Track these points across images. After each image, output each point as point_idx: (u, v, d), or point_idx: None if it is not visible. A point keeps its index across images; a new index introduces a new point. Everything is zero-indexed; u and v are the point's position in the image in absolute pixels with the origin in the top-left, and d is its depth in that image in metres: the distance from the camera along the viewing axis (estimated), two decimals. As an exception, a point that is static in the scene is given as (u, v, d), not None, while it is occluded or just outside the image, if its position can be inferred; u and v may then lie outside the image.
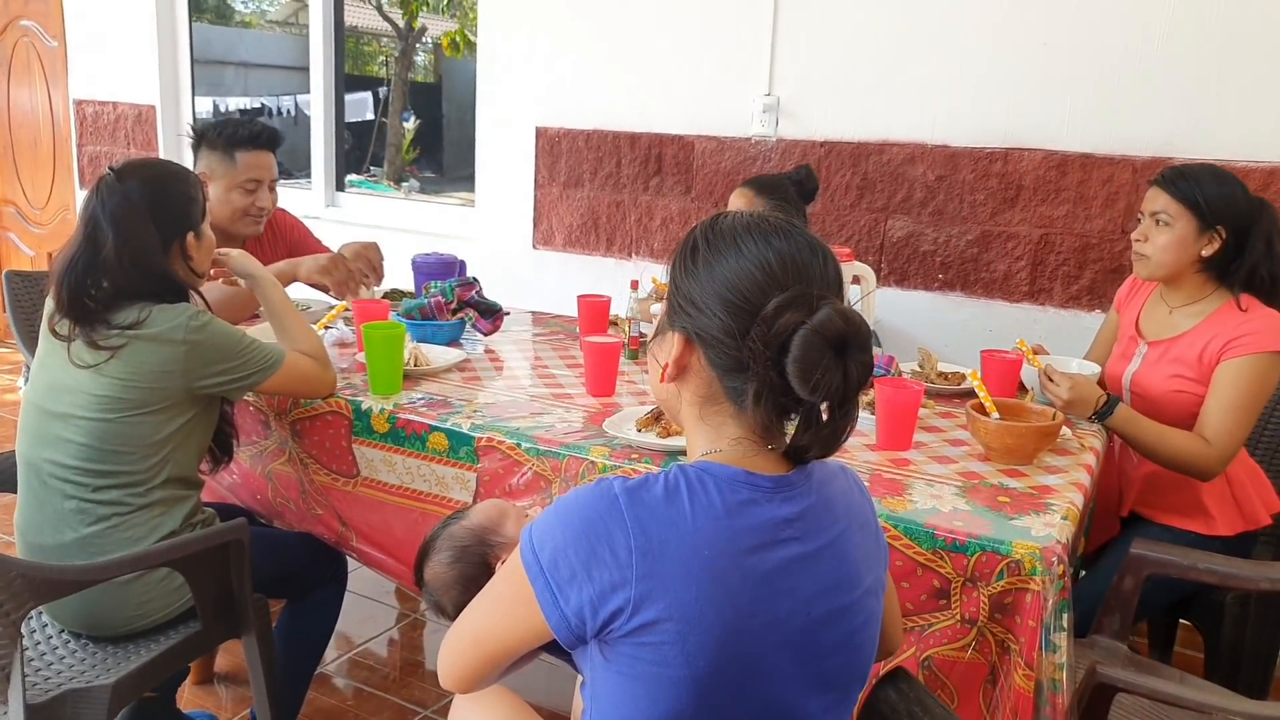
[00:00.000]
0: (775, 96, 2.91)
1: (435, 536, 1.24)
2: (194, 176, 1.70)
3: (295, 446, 1.87)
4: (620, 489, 0.89)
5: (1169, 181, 1.83)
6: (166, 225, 1.60)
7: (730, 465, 0.93)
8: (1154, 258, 1.85)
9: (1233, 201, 1.80)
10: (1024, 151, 2.62)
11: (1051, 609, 1.27)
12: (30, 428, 1.61)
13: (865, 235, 2.86)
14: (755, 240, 0.92)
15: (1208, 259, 1.82)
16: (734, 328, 0.90)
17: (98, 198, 1.57)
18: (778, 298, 0.88)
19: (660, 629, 0.86)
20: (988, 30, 2.61)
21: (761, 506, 0.91)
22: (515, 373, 2.05)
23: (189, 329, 1.55)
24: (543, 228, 3.40)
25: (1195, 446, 1.75)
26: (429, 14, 7.80)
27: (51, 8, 4.46)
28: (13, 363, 4.70)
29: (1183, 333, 1.87)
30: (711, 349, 0.93)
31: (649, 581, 0.86)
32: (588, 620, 0.87)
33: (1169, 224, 1.82)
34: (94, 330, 1.52)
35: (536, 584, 0.89)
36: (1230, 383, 1.76)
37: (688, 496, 0.89)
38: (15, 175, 4.86)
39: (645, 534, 0.86)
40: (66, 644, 1.60)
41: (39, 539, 1.59)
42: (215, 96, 4.79)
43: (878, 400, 1.64)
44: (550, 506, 0.93)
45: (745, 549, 0.89)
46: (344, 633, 2.47)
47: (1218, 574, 1.60)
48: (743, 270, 0.91)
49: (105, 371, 1.53)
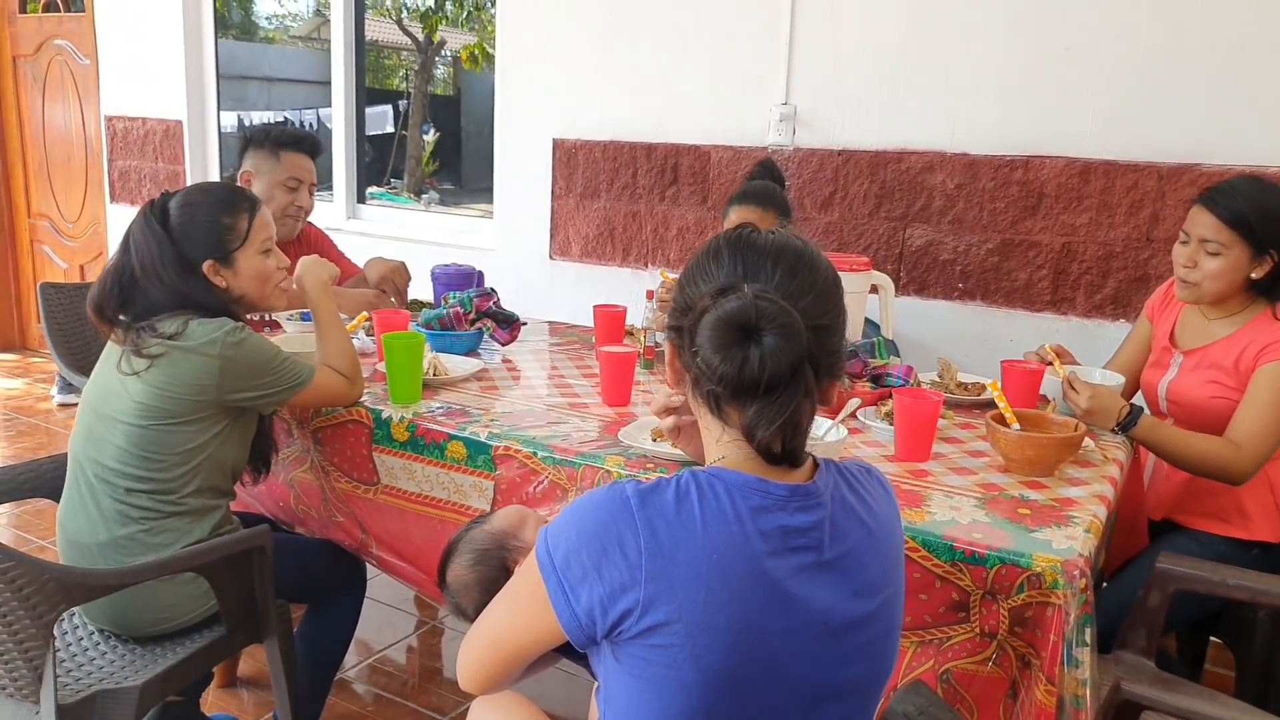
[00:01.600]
0: (792, 105, 2.91)
1: (458, 540, 1.25)
2: (237, 206, 1.69)
3: (317, 454, 1.88)
4: (632, 492, 0.90)
5: (1217, 203, 1.75)
6: (185, 250, 1.64)
7: (743, 472, 0.93)
8: (1203, 285, 1.79)
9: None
10: (1045, 159, 2.60)
11: (1074, 623, 1.25)
12: (82, 428, 1.66)
13: (884, 244, 2.85)
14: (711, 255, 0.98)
15: (1258, 280, 1.78)
16: (674, 324, 0.97)
17: (139, 216, 1.66)
18: (704, 290, 0.93)
19: (669, 630, 0.87)
20: (1007, 36, 2.60)
21: (774, 514, 0.91)
22: (532, 382, 2.06)
23: (225, 344, 1.58)
24: (560, 238, 3.41)
25: (1224, 450, 1.73)
26: (448, 28, 7.88)
27: (84, 27, 4.56)
28: (47, 372, 4.78)
29: (1217, 340, 1.84)
30: (675, 350, 0.99)
31: (658, 583, 0.87)
32: (598, 620, 0.89)
33: (1220, 252, 1.76)
34: (139, 337, 1.58)
35: (549, 583, 0.90)
36: (1265, 387, 1.73)
37: (698, 501, 0.90)
38: (50, 189, 4.96)
39: (655, 536, 0.88)
40: (96, 644, 1.64)
41: (78, 536, 1.63)
42: (240, 111, 4.87)
43: (896, 411, 1.63)
44: (565, 509, 0.95)
45: (757, 554, 0.89)
46: (363, 639, 2.48)
47: (1248, 590, 1.57)
48: (698, 285, 0.96)
49: (145, 379, 1.58)
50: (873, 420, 1.78)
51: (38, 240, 5.06)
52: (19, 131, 4.99)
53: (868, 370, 1.96)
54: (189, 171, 4.36)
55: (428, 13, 7.56)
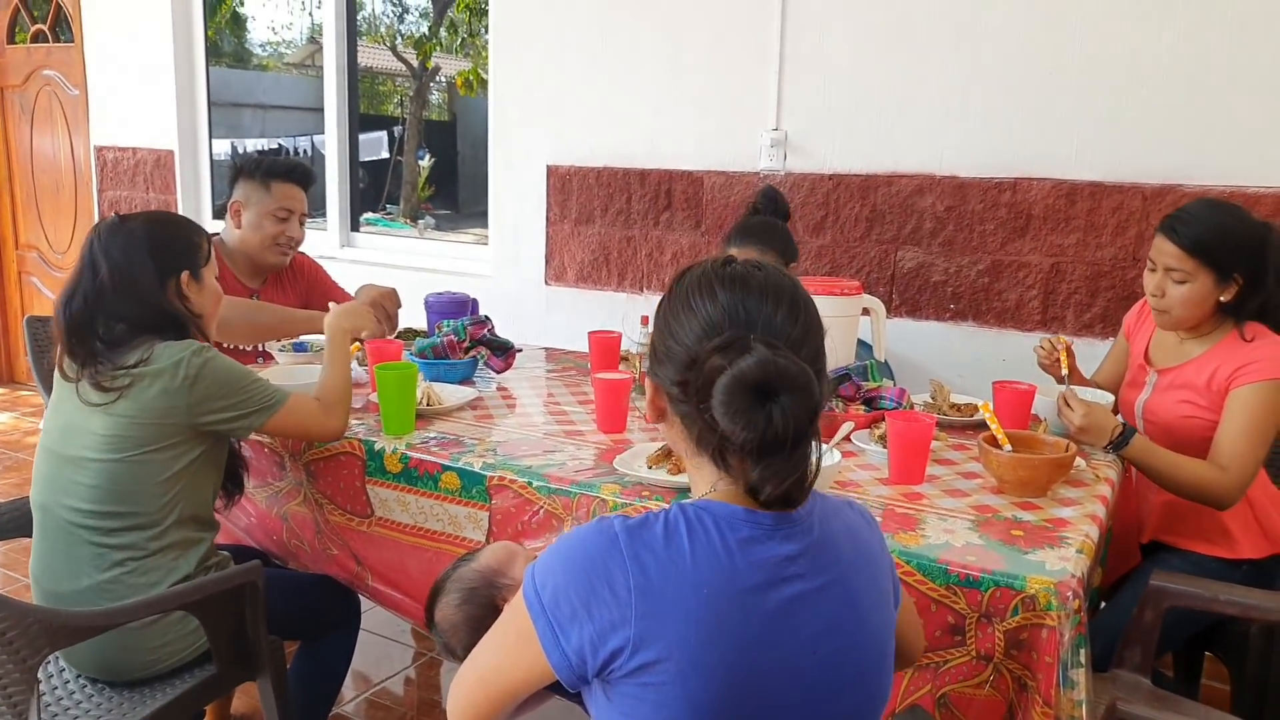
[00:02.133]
0: (783, 131, 2.94)
1: (445, 579, 1.25)
2: (201, 230, 1.76)
3: (310, 487, 1.88)
4: (620, 528, 0.90)
5: (1177, 233, 1.76)
6: (163, 259, 1.64)
7: (730, 503, 0.93)
8: (1174, 313, 1.80)
9: (1243, 242, 1.75)
10: (1033, 181, 2.63)
11: (1068, 644, 1.25)
12: (44, 473, 1.62)
13: (875, 267, 2.87)
14: (703, 294, 0.95)
15: (1226, 303, 1.79)
16: (678, 378, 0.93)
17: (96, 235, 1.64)
18: (709, 344, 0.90)
19: (660, 669, 0.86)
20: (994, 60, 2.63)
21: (763, 544, 0.91)
22: (527, 410, 2.06)
23: (191, 363, 1.57)
24: (555, 264, 3.42)
25: (1211, 475, 1.73)
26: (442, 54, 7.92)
27: (73, 57, 4.58)
28: (34, 405, 4.76)
29: (1190, 359, 1.86)
30: (670, 398, 0.97)
31: (648, 620, 0.86)
32: (588, 660, 0.88)
33: (1185, 280, 1.77)
34: (99, 372, 1.55)
35: (539, 623, 0.90)
36: (1241, 410, 1.74)
37: (687, 535, 0.90)
38: (38, 220, 4.96)
39: (645, 573, 0.87)
40: (84, 689, 1.61)
41: (55, 586, 1.60)
42: (233, 139, 4.88)
43: (889, 433, 1.63)
44: (552, 545, 0.94)
45: (747, 588, 0.89)
46: (360, 672, 2.47)
47: (1240, 605, 1.58)
48: (690, 325, 0.94)
49: (112, 411, 1.55)
50: (866, 443, 1.79)
51: (26, 272, 5.05)
52: (6, 162, 5.00)
53: (861, 393, 1.97)
54: (181, 201, 4.37)
55: (421, 39, 7.60)
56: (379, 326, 2.39)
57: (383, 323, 2.40)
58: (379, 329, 2.38)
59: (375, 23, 7.21)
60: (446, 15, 7.29)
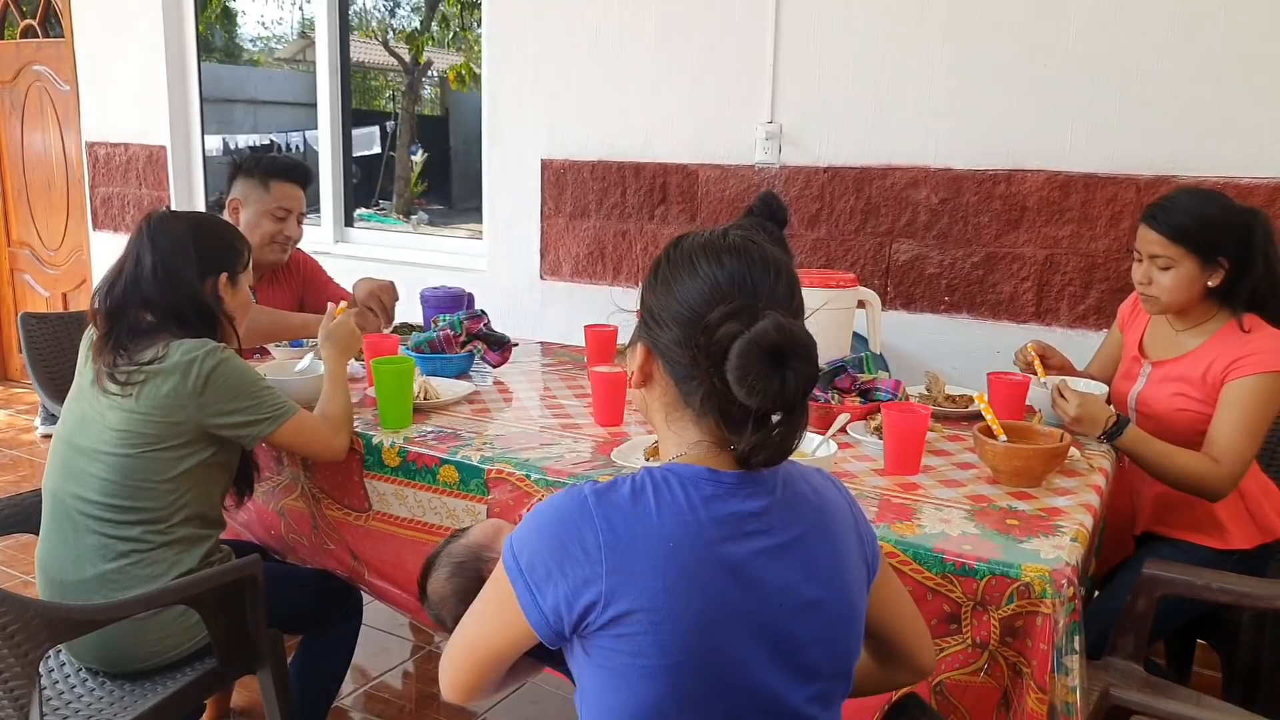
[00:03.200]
0: (778, 124, 2.94)
1: (437, 554, 1.28)
2: (245, 239, 1.81)
3: (307, 482, 1.88)
4: (590, 491, 0.94)
5: (1159, 220, 1.79)
6: (205, 256, 1.69)
7: (695, 465, 0.97)
8: (1163, 298, 1.82)
9: (1228, 228, 1.77)
10: (1027, 173, 2.64)
11: (1063, 631, 1.26)
12: (58, 463, 1.64)
13: (870, 259, 2.88)
14: (708, 259, 0.97)
15: (1215, 287, 1.81)
16: (683, 339, 0.95)
17: (146, 224, 1.67)
18: (720, 309, 0.93)
19: (632, 620, 0.90)
20: (988, 53, 2.64)
21: (725, 501, 0.95)
22: (524, 404, 2.07)
23: (205, 363, 1.58)
24: (550, 258, 3.43)
25: (1204, 466, 1.75)
26: (434, 48, 7.90)
27: (64, 53, 4.56)
28: (29, 403, 4.75)
29: (1187, 352, 1.87)
30: (666, 359, 0.99)
31: (618, 575, 0.90)
32: (564, 616, 0.92)
33: (1170, 266, 1.79)
34: (116, 367, 1.57)
35: (517, 586, 0.94)
36: (1236, 402, 1.75)
37: (653, 494, 0.94)
38: (30, 217, 4.95)
39: (613, 531, 0.91)
40: (84, 682, 1.61)
41: (60, 575, 1.61)
42: (225, 134, 4.87)
43: (885, 425, 1.64)
44: (527, 514, 0.98)
45: (711, 540, 0.93)
46: (359, 665, 2.47)
47: (1231, 593, 1.59)
48: (694, 287, 0.96)
49: (126, 406, 1.57)
50: (862, 435, 1.80)
51: (18, 269, 5.03)
52: (-3, 159, 4.99)
53: (856, 385, 1.98)
54: (173, 197, 4.36)
55: (413, 34, 7.58)
56: (376, 321, 2.39)
57: (379, 316, 2.40)
58: (375, 324, 2.38)
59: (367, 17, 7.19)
60: (438, 9, 7.26)
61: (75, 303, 4.80)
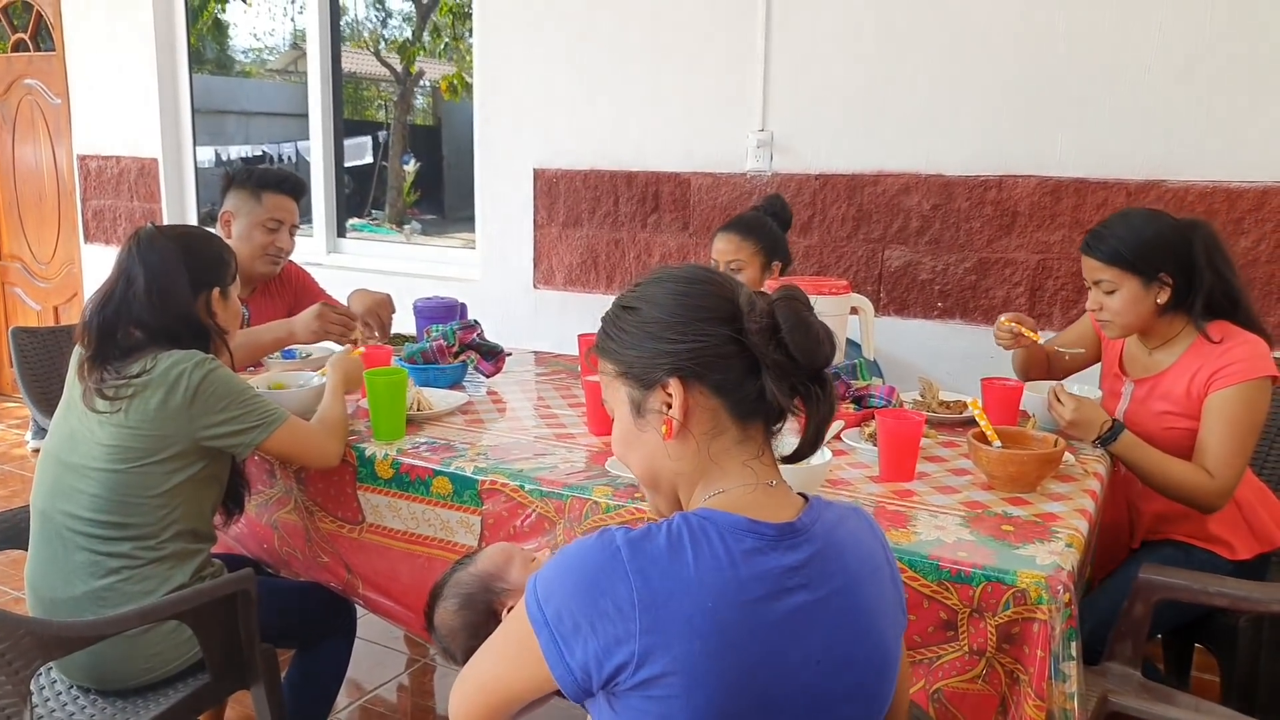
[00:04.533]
0: (769, 131, 2.95)
1: (444, 583, 1.25)
2: (231, 249, 1.80)
3: (300, 494, 1.87)
4: (622, 540, 0.89)
5: (1093, 249, 1.83)
6: (197, 273, 1.68)
7: (733, 513, 0.93)
8: (1116, 321, 1.85)
9: (1163, 245, 1.78)
10: (1018, 178, 2.65)
11: (1059, 638, 1.26)
12: (47, 479, 1.63)
13: (863, 266, 2.88)
14: (678, 275, 1.01)
15: (1165, 304, 1.82)
16: (728, 334, 0.95)
17: (135, 243, 1.66)
18: (742, 293, 0.97)
19: (666, 682, 0.86)
20: (978, 59, 2.65)
21: (766, 555, 0.91)
22: (518, 414, 2.06)
23: (192, 375, 1.57)
24: (543, 267, 3.42)
25: (1199, 478, 1.75)
26: (426, 58, 7.90)
27: (54, 66, 4.55)
28: (20, 418, 4.73)
29: (1165, 369, 1.87)
30: (714, 370, 0.96)
31: (653, 635, 0.85)
32: (593, 674, 0.88)
33: (1114, 290, 1.82)
34: (104, 380, 1.56)
35: (541, 636, 0.89)
36: (1221, 414, 1.75)
37: (691, 546, 0.89)
38: (21, 231, 4.93)
39: (649, 586, 0.86)
40: (75, 700, 1.60)
41: (50, 592, 1.60)
42: (216, 146, 4.86)
43: (880, 431, 1.64)
44: (554, 557, 0.94)
45: (751, 599, 0.89)
46: (354, 679, 2.46)
47: (1229, 597, 1.59)
48: (694, 289, 0.98)
49: (115, 421, 1.56)
50: (857, 442, 1.80)
51: (9, 282, 5.01)
52: (-11, 172, 4.97)
53: (850, 392, 1.98)
54: (165, 209, 4.35)
55: (405, 44, 7.58)
56: (373, 336, 2.38)
57: (375, 330, 2.40)
58: (372, 340, 2.37)
59: (358, 28, 7.18)
60: (430, 19, 7.27)
61: (66, 316, 4.78)
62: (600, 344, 1.03)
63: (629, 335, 1.00)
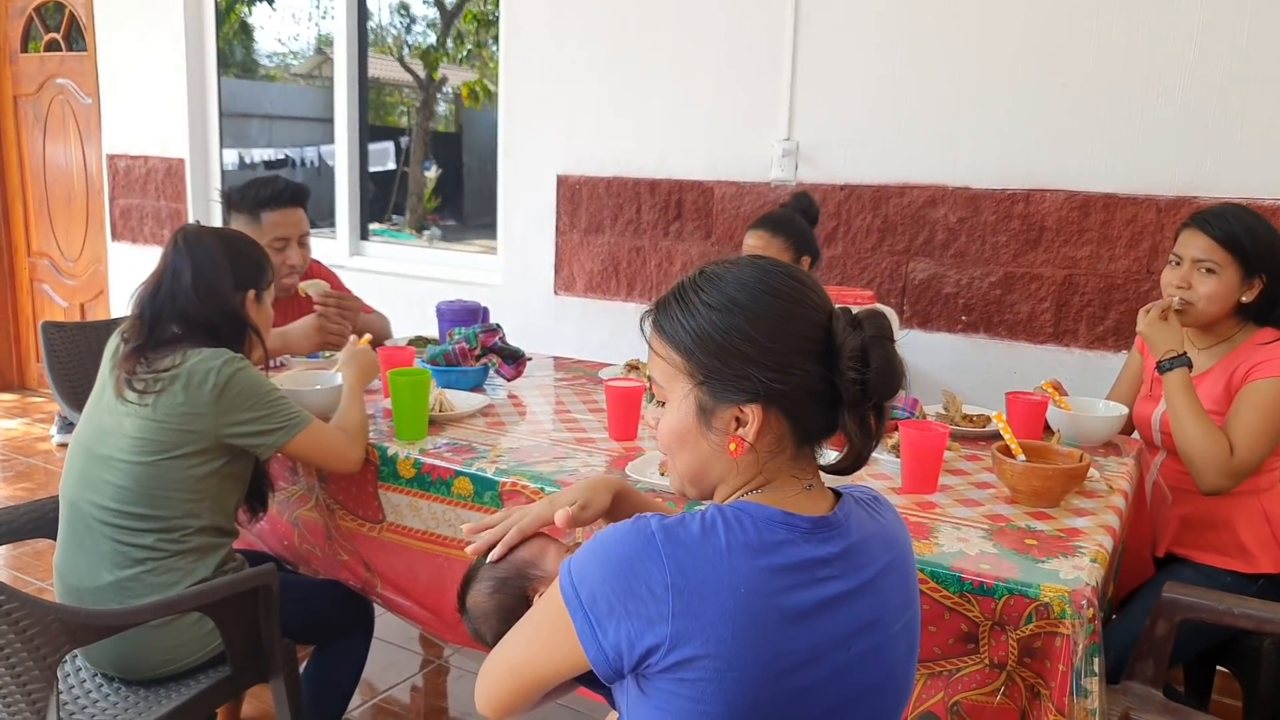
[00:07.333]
0: (794, 141, 2.95)
1: (479, 566, 1.25)
2: (267, 254, 1.83)
3: (322, 492, 1.89)
4: (657, 527, 0.91)
5: (1210, 224, 1.80)
6: (240, 272, 1.72)
7: (768, 505, 0.95)
8: (1200, 306, 1.83)
9: (1271, 246, 1.79)
10: (1046, 193, 2.64)
11: (1082, 653, 1.25)
12: (75, 470, 1.66)
13: (887, 278, 2.87)
14: (777, 290, 0.97)
15: (1247, 303, 1.81)
16: (821, 372, 0.95)
17: (182, 238, 1.69)
18: (837, 325, 0.96)
19: (698, 666, 0.87)
20: (1007, 72, 2.64)
21: (799, 546, 0.93)
22: (538, 417, 2.07)
23: (221, 372, 1.59)
24: (564, 274, 3.43)
25: (1221, 446, 1.75)
26: (449, 65, 7.96)
27: (86, 67, 4.62)
28: (46, 412, 4.78)
29: (1207, 370, 1.86)
30: (796, 403, 0.96)
31: (685, 619, 0.87)
32: (625, 655, 0.89)
33: (1215, 271, 1.80)
34: (135, 374, 1.59)
35: (575, 617, 0.91)
36: (1253, 404, 1.75)
37: (724, 534, 0.90)
38: (50, 228, 5.00)
39: (682, 572, 0.88)
40: (99, 687, 1.62)
41: (77, 581, 1.62)
42: (241, 149, 4.91)
43: (903, 443, 1.64)
44: (589, 542, 0.95)
45: (783, 588, 0.90)
46: (368, 679, 2.46)
47: (1253, 619, 1.57)
48: (794, 311, 0.96)
49: (144, 414, 1.58)
50: (879, 453, 1.79)
51: (37, 279, 5.08)
52: (19, 170, 5.04)
53: (872, 403, 1.97)
54: (191, 210, 4.40)
55: (429, 50, 7.64)
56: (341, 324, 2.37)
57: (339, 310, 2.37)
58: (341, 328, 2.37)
59: (382, 34, 7.24)
60: (453, 26, 7.32)
61: (93, 313, 4.83)
62: (666, 328, 0.98)
63: (711, 340, 0.95)
